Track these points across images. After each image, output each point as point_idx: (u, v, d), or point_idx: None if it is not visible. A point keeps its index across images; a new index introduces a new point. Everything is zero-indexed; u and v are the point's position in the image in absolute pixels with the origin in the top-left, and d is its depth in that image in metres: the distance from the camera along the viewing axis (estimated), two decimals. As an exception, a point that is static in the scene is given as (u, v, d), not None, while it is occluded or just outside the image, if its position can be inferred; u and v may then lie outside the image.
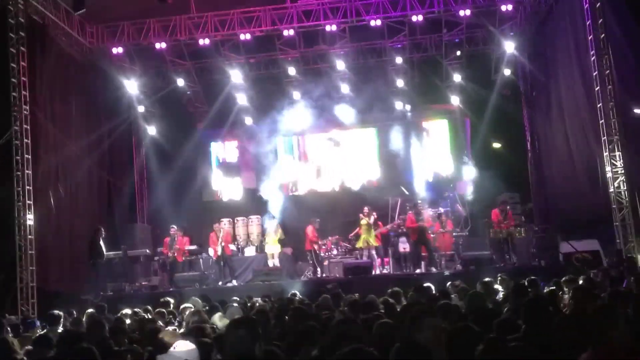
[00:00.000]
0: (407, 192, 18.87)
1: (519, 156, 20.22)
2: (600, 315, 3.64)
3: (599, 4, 14.09)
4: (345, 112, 20.34)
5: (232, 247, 17.94)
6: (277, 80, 20.01)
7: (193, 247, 17.72)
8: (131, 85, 19.16)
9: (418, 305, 5.16)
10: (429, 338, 4.31)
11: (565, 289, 8.70)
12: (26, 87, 15.02)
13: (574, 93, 16.06)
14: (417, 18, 17.26)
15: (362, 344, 3.53)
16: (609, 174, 14.11)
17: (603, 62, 14.11)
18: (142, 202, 21.18)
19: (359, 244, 17.12)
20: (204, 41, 17.94)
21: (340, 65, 19.18)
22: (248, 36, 17.81)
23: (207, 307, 9.48)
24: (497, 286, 9.89)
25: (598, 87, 14.15)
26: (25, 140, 14.82)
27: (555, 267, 14.42)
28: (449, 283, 10.97)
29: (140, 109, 20.09)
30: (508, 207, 16.49)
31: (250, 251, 18.79)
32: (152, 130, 20.64)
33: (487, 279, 9.46)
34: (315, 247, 17.25)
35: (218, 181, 21.81)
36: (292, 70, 19.52)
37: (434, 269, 15.93)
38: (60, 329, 8.42)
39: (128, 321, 8.83)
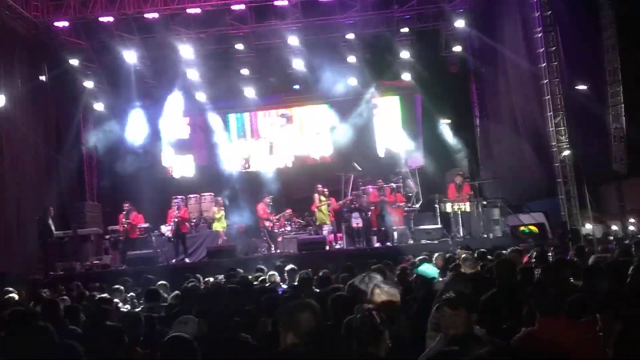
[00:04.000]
0: (359, 168, 19.01)
1: (469, 132, 20.61)
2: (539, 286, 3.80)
3: (546, -18, 14.40)
4: (297, 88, 20.31)
5: (187, 224, 17.79)
6: (228, 55, 19.76)
7: (145, 225, 17.52)
8: (78, 61, 18.66)
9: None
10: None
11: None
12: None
13: (521, 69, 16.42)
14: (369, -6, 17.30)
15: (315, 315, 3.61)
16: (554, 149, 14.53)
17: (549, 39, 14.45)
18: (92, 179, 20.77)
19: (318, 221, 17.30)
20: (152, 15, 17.57)
21: (293, 41, 19.07)
22: (198, 10, 17.53)
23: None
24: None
25: (544, 64, 14.49)
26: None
27: (503, 239, 14.85)
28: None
29: (88, 84, 19.62)
30: (463, 180, 16.77)
31: (203, 228, 18.69)
32: (99, 106, 20.20)
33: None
34: (267, 223, 17.30)
35: (169, 158, 21.54)
36: (242, 46, 19.31)
37: (388, 244, 16.18)
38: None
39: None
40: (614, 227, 15.89)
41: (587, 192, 13.67)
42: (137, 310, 7.35)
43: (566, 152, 14.38)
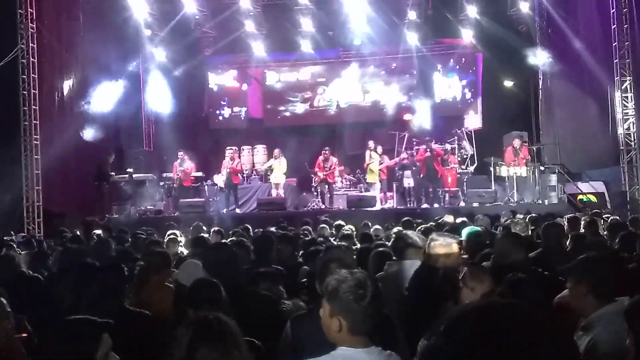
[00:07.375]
0: (414, 127, 18.74)
1: (531, 95, 19.95)
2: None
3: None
4: (358, 43, 20.01)
5: (239, 175, 17.95)
6: (287, 7, 19.56)
7: (199, 174, 17.78)
8: (139, 8, 18.79)
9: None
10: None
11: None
12: (32, 5, 14.79)
13: (591, 31, 15.71)
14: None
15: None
16: (619, 115, 13.94)
17: (621, 0, 13.74)
18: (150, 127, 21.13)
19: (369, 180, 17.15)
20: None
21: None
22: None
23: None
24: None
25: (614, 26, 13.82)
26: (32, 59, 14.68)
27: (558, 206, 14.46)
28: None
29: (147, 32, 19.79)
30: (522, 143, 16.26)
31: (254, 180, 18.84)
32: (160, 54, 20.37)
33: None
34: (315, 178, 17.22)
35: (224, 109, 21.68)
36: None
37: (436, 205, 15.97)
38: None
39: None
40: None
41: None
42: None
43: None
